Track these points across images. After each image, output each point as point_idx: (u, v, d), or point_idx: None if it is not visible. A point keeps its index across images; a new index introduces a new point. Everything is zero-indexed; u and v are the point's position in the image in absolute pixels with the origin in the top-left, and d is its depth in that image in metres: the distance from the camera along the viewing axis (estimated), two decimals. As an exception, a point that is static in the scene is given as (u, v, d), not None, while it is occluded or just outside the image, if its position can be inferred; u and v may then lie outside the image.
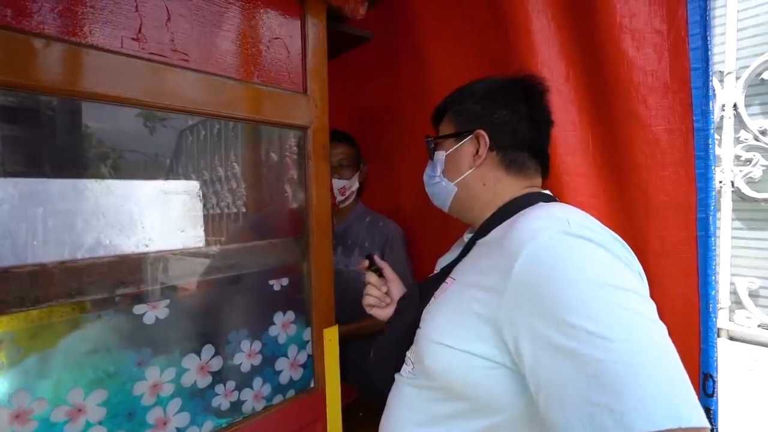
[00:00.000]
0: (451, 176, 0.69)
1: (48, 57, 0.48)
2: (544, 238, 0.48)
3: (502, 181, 0.66)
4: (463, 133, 0.68)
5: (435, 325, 0.57)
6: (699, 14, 0.74)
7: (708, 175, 0.76)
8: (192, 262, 0.66)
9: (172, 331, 0.61)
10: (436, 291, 0.62)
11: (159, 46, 0.58)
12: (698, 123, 0.76)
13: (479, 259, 0.58)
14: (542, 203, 0.60)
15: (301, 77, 0.77)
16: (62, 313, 0.52)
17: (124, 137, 0.63)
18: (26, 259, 0.50)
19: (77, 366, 0.52)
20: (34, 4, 0.48)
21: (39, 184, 0.53)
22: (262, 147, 0.82)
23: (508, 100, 0.67)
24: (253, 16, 0.70)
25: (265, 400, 0.72)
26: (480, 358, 0.50)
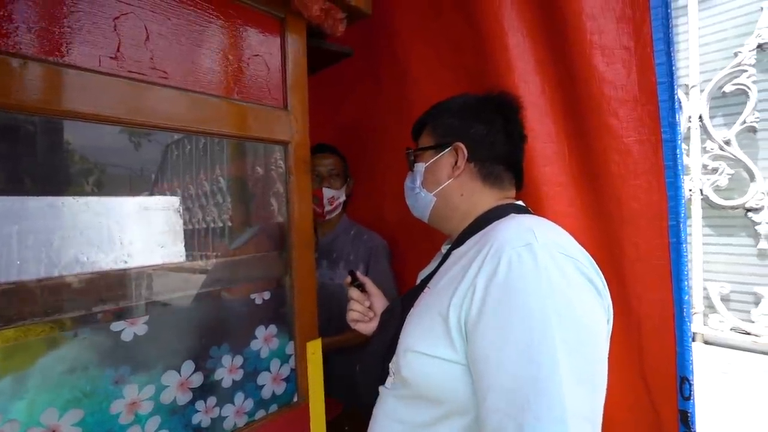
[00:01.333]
0: (430, 187, 0.72)
1: (26, 76, 0.49)
2: (508, 251, 0.50)
3: (479, 193, 0.69)
4: (442, 146, 0.70)
5: (409, 333, 0.58)
6: (662, 31, 0.78)
7: (677, 184, 0.78)
8: (172, 277, 0.66)
9: (151, 347, 0.60)
10: (416, 301, 0.64)
11: (138, 64, 0.59)
12: (666, 134, 0.79)
13: (451, 268, 0.60)
14: (514, 214, 0.63)
15: (281, 93, 0.79)
16: (38, 332, 0.52)
17: (107, 153, 0.63)
18: (1, 277, 0.50)
19: (52, 385, 0.51)
20: (10, 24, 0.48)
21: (15, 202, 0.53)
22: (243, 162, 0.83)
23: (484, 115, 0.70)
24: (232, 33, 0.71)
25: (247, 415, 0.71)
26: (451, 362, 0.52)
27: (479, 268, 0.52)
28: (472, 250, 0.58)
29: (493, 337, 0.47)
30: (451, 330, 0.52)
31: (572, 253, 0.52)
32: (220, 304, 0.73)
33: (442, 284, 0.58)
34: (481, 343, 0.48)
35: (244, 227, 0.94)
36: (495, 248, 0.52)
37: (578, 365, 0.45)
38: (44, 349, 0.52)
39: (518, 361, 0.45)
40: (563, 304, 0.47)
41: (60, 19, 0.52)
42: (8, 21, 0.48)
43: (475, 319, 0.50)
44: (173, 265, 0.66)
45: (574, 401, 0.43)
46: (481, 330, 0.49)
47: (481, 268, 0.51)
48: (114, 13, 0.57)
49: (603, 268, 0.86)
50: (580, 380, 0.45)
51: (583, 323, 0.47)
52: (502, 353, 0.46)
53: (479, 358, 0.48)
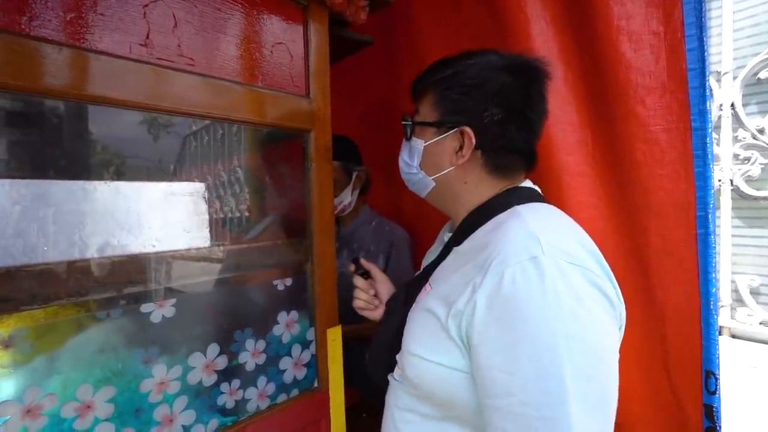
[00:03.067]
0: (428, 170, 0.64)
1: (58, 62, 0.50)
2: (512, 266, 0.47)
3: (485, 182, 0.62)
4: (448, 126, 0.61)
5: (410, 335, 0.57)
6: (695, 15, 0.75)
7: (706, 174, 0.76)
8: (197, 262, 0.67)
9: (178, 329, 0.62)
10: (418, 294, 0.61)
11: (166, 51, 0.60)
12: (696, 122, 0.76)
13: (453, 270, 0.57)
14: (517, 208, 0.57)
15: (303, 81, 0.79)
16: (72, 311, 0.54)
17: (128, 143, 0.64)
18: (37, 258, 0.52)
19: (86, 363, 0.53)
20: (45, 11, 0.49)
21: (49, 186, 0.54)
22: (265, 150, 0.84)
23: (503, 96, 0.58)
24: (256, 21, 0.72)
25: (269, 399, 0.72)
26: (452, 369, 0.51)
27: (481, 281, 0.48)
28: (473, 255, 0.54)
29: (500, 359, 0.45)
30: (453, 339, 0.50)
31: (581, 261, 0.48)
32: (243, 289, 0.74)
33: (443, 289, 0.55)
34: (487, 362, 0.47)
35: (264, 215, 0.95)
36: (497, 261, 0.48)
37: (588, 390, 0.44)
38: (77, 329, 0.54)
39: (526, 387, 0.44)
40: (572, 324, 0.44)
41: (93, 6, 0.53)
42: (44, 7, 0.49)
43: (478, 337, 0.47)
44: (199, 250, 0.68)
45: (582, 427, 0.42)
46: (485, 350, 0.47)
47: (483, 281, 0.48)
48: (144, 0, 0.58)
49: (627, 259, 0.85)
50: (590, 406, 0.44)
51: (594, 343, 0.45)
52: (510, 377, 0.44)
53: (485, 378, 0.47)
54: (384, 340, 0.65)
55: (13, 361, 0.48)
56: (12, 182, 0.51)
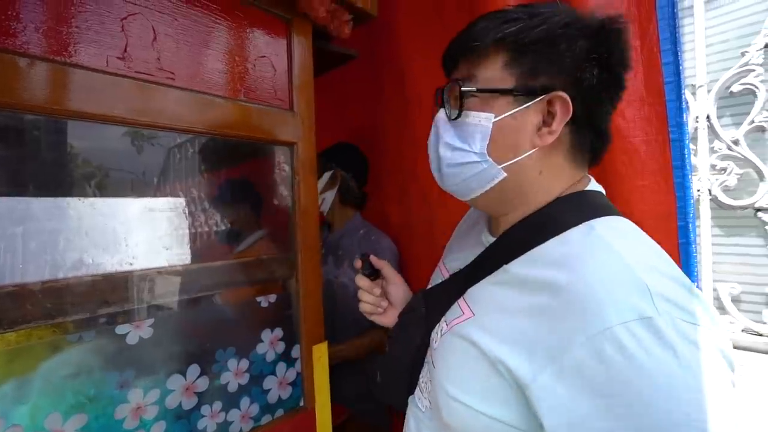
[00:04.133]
0: (499, 156, 0.47)
1: (33, 76, 0.48)
2: (617, 329, 0.35)
3: (562, 173, 0.49)
4: (532, 92, 0.46)
5: (450, 376, 0.47)
6: (669, 31, 0.77)
7: (685, 184, 0.78)
8: (177, 279, 0.65)
9: (156, 351, 0.59)
10: (448, 312, 0.52)
11: (145, 64, 0.59)
12: (674, 134, 0.78)
13: (507, 304, 0.44)
14: (592, 222, 0.45)
15: (287, 94, 0.78)
16: (42, 335, 0.51)
17: (110, 156, 0.63)
18: (5, 279, 0.49)
19: (56, 390, 0.50)
20: (18, 24, 0.48)
21: (19, 203, 0.52)
22: (248, 164, 0.82)
23: (602, 52, 0.45)
24: (239, 35, 0.71)
25: (252, 420, 0.70)
26: (504, 423, 0.42)
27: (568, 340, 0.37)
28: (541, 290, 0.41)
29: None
30: (515, 392, 0.40)
31: (695, 314, 0.36)
32: (225, 307, 0.72)
33: (495, 324, 0.44)
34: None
35: (249, 230, 0.93)
36: (591, 320, 0.36)
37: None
38: (48, 352, 0.51)
39: None
40: (713, 413, 0.33)
41: (68, 18, 0.52)
42: (16, 20, 0.48)
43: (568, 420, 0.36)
44: (178, 267, 0.66)
45: None
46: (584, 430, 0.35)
47: (572, 341, 0.36)
48: (122, 13, 0.56)
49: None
50: None
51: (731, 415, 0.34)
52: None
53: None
54: (402, 359, 0.57)
55: (-24, 390, 0.45)
56: (-21, 200, 0.49)
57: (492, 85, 0.47)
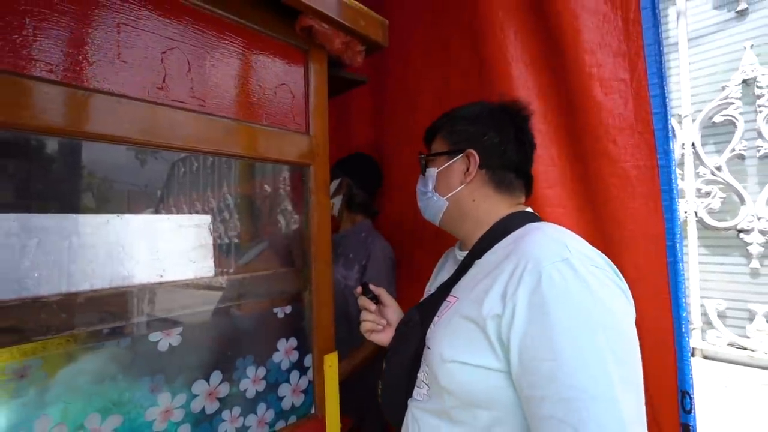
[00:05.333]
0: (442, 191, 0.74)
1: (89, 106, 0.54)
2: (547, 267, 0.53)
3: (491, 199, 0.72)
4: (455, 152, 0.73)
5: (445, 344, 0.60)
6: (656, 66, 0.85)
7: (673, 207, 0.84)
8: (203, 291, 0.69)
9: (183, 357, 0.64)
10: (439, 310, 0.66)
11: (180, 93, 0.64)
12: (661, 160, 0.85)
13: (480, 279, 0.61)
14: (533, 224, 0.66)
15: (304, 119, 0.84)
16: (84, 340, 0.55)
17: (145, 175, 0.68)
18: (52, 289, 0.54)
19: (95, 392, 0.54)
20: (78, 59, 0.54)
21: (67, 219, 0.57)
22: (266, 182, 0.88)
23: (497, 124, 0.72)
24: (262, 64, 0.77)
25: (268, 426, 0.74)
26: (494, 370, 0.54)
27: (518, 282, 0.54)
28: (501, 262, 0.60)
29: (545, 350, 0.49)
30: (492, 340, 0.54)
31: (601, 264, 0.55)
32: (245, 317, 0.76)
33: (474, 295, 0.60)
34: (532, 355, 0.50)
35: (258, 243, 0.98)
36: (532, 264, 0.54)
37: (626, 372, 0.48)
38: (88, 357, 0.56)
39: (572, 372, 0.47)
40: (607, 314, 0.50)
41: (118, 54, 0.57)
42: (75, 57, 0.53)
43: (521, 333, 0.51)
44: (204, 279, 0.70)
45: (628, 407, 0.47)
46: (529, 343, 0.51)
47: (520, 282, 0.53)
48: (162, 48, 0.62)
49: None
50: (630, 386, 0.48)
51: (625, 331, 0.51)
52: (556, 364, 0.48)
53: (529, 370, 0.50)
54: (402, 364, 0.68)
55: (26, 391, 0.49)
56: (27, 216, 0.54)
57: (436, 150, 0.77)
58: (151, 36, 0.61)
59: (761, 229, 3.03)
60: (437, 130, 0.79)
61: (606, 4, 0.89)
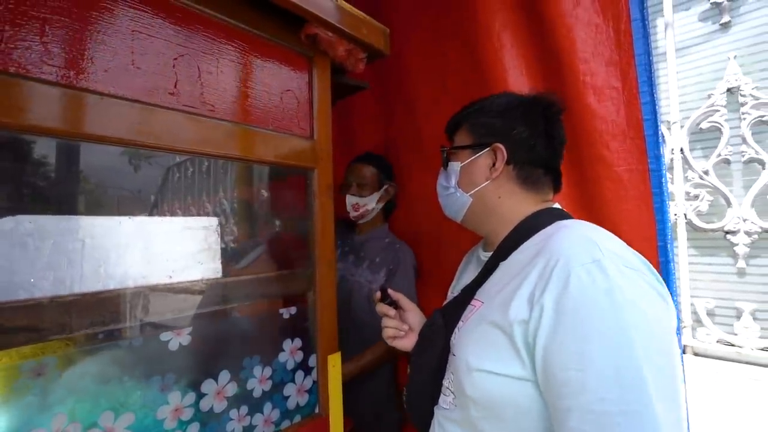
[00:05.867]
0: (465, 187, 0.71)
1: (102, 110, 0.55)
2: (576, 269, 0.49)
3: (517, 196, 0.68)
4: (481, 146, 0.69)
5: (470, 351, 0.57)
6: (646, 75, 0.88)
7: (663, 209, 0.87)
8: (211, 291, 0.71)
9: (192, 357, 0.65)
10: (463, 314, 0.63)
11: (191, 99, 0.66)
12: (652, 165, 0.88)
13: (506, 282, 0.57)
14: (561, 222, 0.62)
15: (308, 124, 0.86)
16: (97, 339, 0.56)
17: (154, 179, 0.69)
18: (68, 289, 0.55)
19: (108, 390, 0.55)
20: (91, 65, 0.55)
21: (78, 221, 0.58)
22: (274, 185, 0.89)
23: (527, 117, 0.68)
24: (269, 71, 0.79)
25: (274, 425, 0.75)
26: (521, 380, 0.51)
27: (545, 285, 0.50)
28: (528, 263, 0.56)
29: (573, 358, 0.46)
30: (518, 347, 0.51)
31: (636, 265, 0.51)
32: (252, 318, 0.77)
33: (499, 299, 0.56)
34: (559, 363, 0.47)
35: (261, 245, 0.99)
36: (561, 265, 0.50)
37: (663, 382, 0.44)
38: (101, 356, 0.57)
39: (603, 383, 0.44)
40: (641, 320, 0.46)
41: (134, 60, 0.59)
42: (90, 63, 0.55)
43: (547, 339, 0.48)
44: (211, 280, 0.72)
45: (665, 421, 0.42)
46: (556, 350, 0.47)
47: (547, 285, 0.50)
48: (174, 54, 0.64)
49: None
50: (666, 397, 0.44)
51: (662, 338, 0.46)
52: (585, 375, 0.45)
53: (557, 380, 0.47)
54: (428, 369, 0.65)
55: (42, 390, 0.50)
56: (43, 218, 0.55)
57: (459, 143, 0.74)
58: (164, 43, 0.63)
59: (746, 230, 3.13)
60: (461, 122, 0.74)
61: (599, 16, 0.93)
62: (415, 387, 0.69)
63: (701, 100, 3.29)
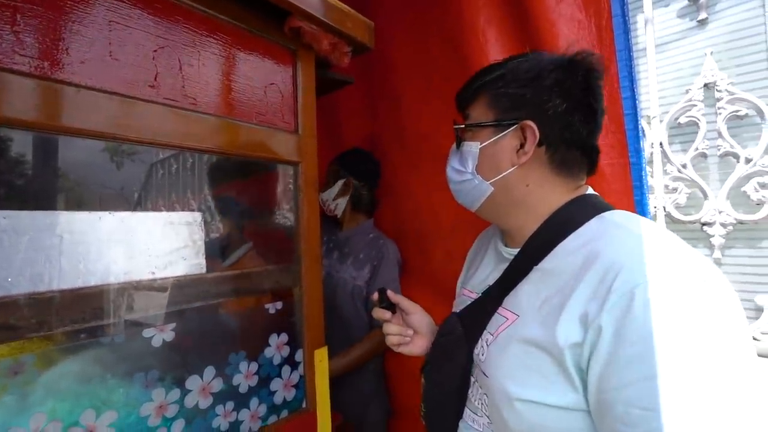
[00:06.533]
0: (486, 174, 0.59)
1: (79, 102, 0.54)
2: (642, 286, 0.41)
3: (549, 184, 0.57)
4: (507, 123, 0.56)
5: (508, 376, 0.49)
6: (626, 71, 0.90)
7: (644, 202, 0.89)
8: (195, 287, 0.70)
9: (176, 353, 0.64)
10: (489, 325, 0.55)
11: (172, 92, 0.65)
12: (633, 158, 0.90)
13: (549, 294, 0.49)
14: (606, 216, 0.54)
15: (292, 118, 0.85)
16: (78, 336, 0.55)
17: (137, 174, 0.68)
18: (46, 286, 0.53)
19: (90, 388, 0.54)
20: (67, 56, 0.54)
21: (56, 216, 0.57)
22: (257, 180, 0.88)
23: (563, 86, 0.56)
24: (252, 64, 0.78)
25: (260, 420, 0.75)
26: (573, 410, 0.45)
27: (602, 304, 0.43)
28: (575, 272, 0.47)
29: (635, 394, 0.40)
30: (570, 373, 0.44)
31: (706, 275, 0.43)
32: (237, 313, 0.77)
33: (542, 315, 0.48)
34: (617, 397, 0.41)
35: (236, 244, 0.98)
36: (622, 280, 0.43)
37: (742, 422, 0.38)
38: (83, 352, 0.56)
39: (672, 428, 0.38)
40: (719, 350, 0.39)
41: (112, 51, 0.58)
42: (66, 54, 0.53)
43: (604, 367, 0.42)
44: (195, 276, 0.71)
45: None
46: (615, 383, 0.41)
47: (605, 304, 0.42)
48: (153, 46, 0.63)
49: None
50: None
51: (744, 372, 0.40)
52: (649, 414, 0.38)
53: (615, 414, 0.41)
54: (448, 386, 0.58)
55: (20, 388, 0.49)
56: (19, 213, 0.54)
57: (478, 120, 0.61)
58: (143, 34, 0.62)
59: (722, 222, 3.24)
60: (480, 90, 0.60)
61: (581, 12, 0.94)
62: (435, 404, 0.62)
63: (680, 95, 3.39)
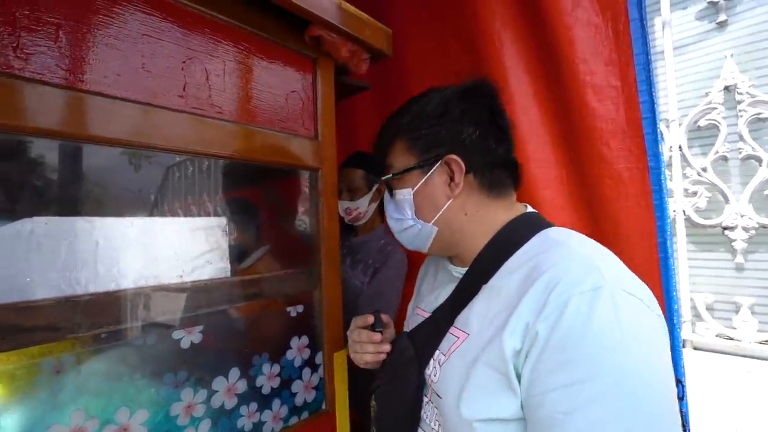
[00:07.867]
0: (426, 215, 0.60)
1: (116, 114, 0.56)
2: (575, 298, 0.43)
3: (484, 207, 0.59)
4: (431, 161, 0.58)
5: (461, 398, 0.49)
6: (645, 74, 0.90)
7: (663, 206, 0.89)
8: (221, 291, 0.72)
9: (203, 355, 0.66)
10: (441, 345, 0.56)
11: (199, 101, 0.67)
12: (651, 162, 0.90)
13: (497, 311, 0.51)
14: (547, 233, 0.56)
15: (313, 124, 0.87)
16: (112, 338, 0.57)
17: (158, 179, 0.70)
18: (83, 289, 0.56)
19: (124, 387, 0.57)
20: (107, 70, 0.56)
21: (93, 222, 0.60)
22: (280, 186, 0.90)
23: (472, 114, 0.58)
24: (274, 73, 0.80)
25: (282, 421, 0.76)
26: (522, 420, 0.46)
27: (540, 311, 0.44)
28: (519, 287, 0.49)
29: (561, 399, 0.41)
30: (512, 383, 0.45)
31: (636, 291, 0.45)
32: (260, 316, 0.79)
33: (491, 332, 0.49)
34: (543, 401, 0.42)
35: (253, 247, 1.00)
36: (560, 290, 0.44)
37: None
38: (117, 352, 0.58)
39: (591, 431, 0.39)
40: (642, 362, 0.41)
41: (144, 64, 0.60)
42: (103, 66, 0.56)
43: (533, 372, 0.44)
44: (220, 279, 0.73)
45: None
46: (542, 387, 0.43)
47: (543, 311, 0.44)
48: (182, 57, 0.65)
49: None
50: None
51: (662, 385, 0.42)
52: (571, 419, 0.40)
53: (541, 418, 0.43)
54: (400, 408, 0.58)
55: (62, 387, 0.51)
56: (63, 219, 0.56)
57: (402, 167, 0.61)
58: (173, 47, 0.64)
59: (744, 226, 3.16)
60: (394, 138, 0.63)
61: (598, 16, 0.94)
62: (387, 426, 0.62)
63: (699, 98, 3.33)
